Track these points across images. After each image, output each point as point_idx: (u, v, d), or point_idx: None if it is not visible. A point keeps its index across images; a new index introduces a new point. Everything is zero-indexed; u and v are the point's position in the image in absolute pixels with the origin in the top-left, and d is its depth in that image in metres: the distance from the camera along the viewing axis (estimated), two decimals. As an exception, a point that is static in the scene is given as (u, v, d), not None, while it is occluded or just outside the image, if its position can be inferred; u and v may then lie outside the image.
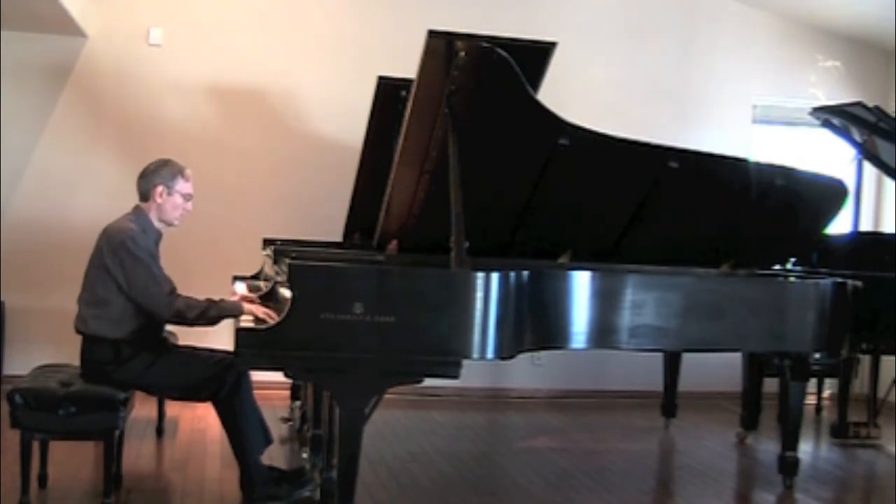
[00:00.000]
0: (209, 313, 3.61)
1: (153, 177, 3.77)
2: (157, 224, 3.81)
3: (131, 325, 3.64)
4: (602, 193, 4.23)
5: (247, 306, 3.63)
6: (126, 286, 3.60)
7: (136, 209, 3.81)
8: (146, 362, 3.67)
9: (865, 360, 5.87)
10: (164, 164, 3.82)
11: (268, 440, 3.81)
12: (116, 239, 3.63)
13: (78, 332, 3.71)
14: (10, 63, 5.71)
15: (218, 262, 5.44)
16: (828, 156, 6.36)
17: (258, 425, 3.75)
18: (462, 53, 3.48)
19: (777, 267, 4.97)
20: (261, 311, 3.55)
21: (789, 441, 4.46)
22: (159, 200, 3.77)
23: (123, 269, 3.59)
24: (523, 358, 3.90)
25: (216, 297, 3.80)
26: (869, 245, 5.74)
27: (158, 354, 3.73)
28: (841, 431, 5.46)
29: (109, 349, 3.65)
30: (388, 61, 5.00)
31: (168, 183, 3.77)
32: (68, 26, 5.51)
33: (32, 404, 3.50)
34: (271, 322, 3.34)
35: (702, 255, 4.54)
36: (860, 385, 5.99)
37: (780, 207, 4.45)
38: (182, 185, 3.80)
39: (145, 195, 3.79)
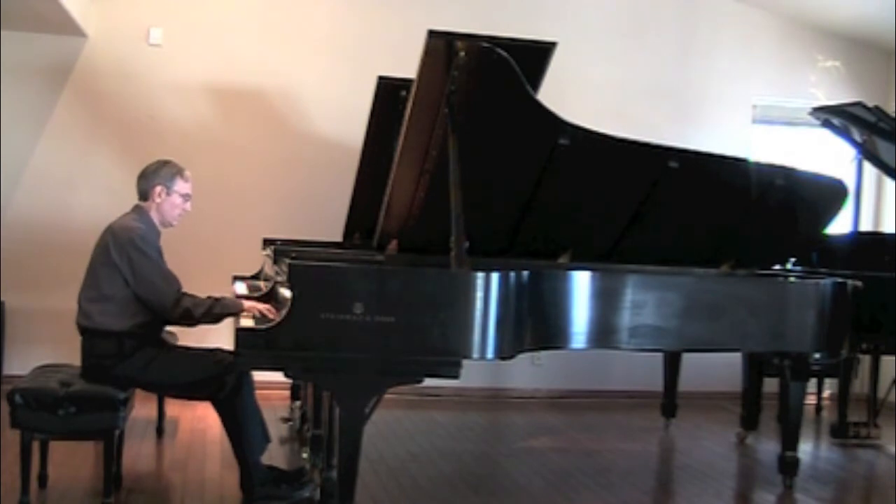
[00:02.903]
0: (214, 311, 3.64)
1: (153, 177, 3.80)
2: (156, 223, 3.83)
3: (135, 320, 3.64)
4: (602, 193, 4.23)
5: (247, 303, 3.67)
6: (133, 283, 3.61)
7: (137, 208, 3.82)
8: (148, 358, 3.67)
9: (865, 360, 5.87)
10: (164, 164, 3.84)
11: (266, 440, 3.81)
12: (124, 236, 3.64)
13: (80, 327, 3.70)
14: (10, 63, 5.71)
15: (218, 262, 5.44)
16: (828, 156, 6.36)
17: (258, 425, 3.76)
18: (462, 53, 3.48)
19: (777, 267, 4.97)
20: (259, 307, 3.58)
21: (789, 441, 4.46)
22: (158, 200, 3.79)
23: (132, 265, 3.61)
24: (523, 358, 3.90)
25: (217, 295, 3.81)
26: (869, 245, 5.74)
27: (159, 352, 3.74)
28: (841, 431, 5.46)
29: (112, 343, 3.64)
30: (388, 61, 5.00)
31: (167, 183, 3.79)
32: (68, 26, 5.52)
33: (32, 404, 3.50)
34: (272, 318, 3.35)
35: (702, 255, 4.54)
36: (860, 385, 5.99)
37: (780, 207, 4.45)
38: (181, 186, 3.82)
39: (144, 195, 3.81)
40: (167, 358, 3.73)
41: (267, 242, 4.99)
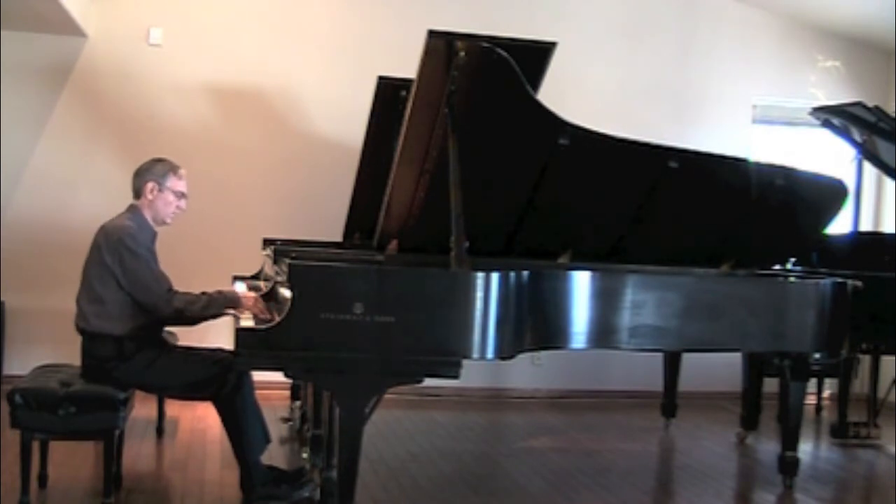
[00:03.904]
0: (210, 309, 3.65)
1: (145, 174, 3.80)
2: (150, 222, 3.81)
3: (133, 322, 3.64)
4: (602, 193, 4.23)
5: (244, 296, 3.67)
6: (125, 283, 3.61)
7: (131, 207, 3.82)
8: (148, 360, 3.67)
9: (865, 360, 5.87)
10: (157, 161, 3.84)
11: (267, 440, 3.81)
12: (115, 236, 3.64)
13: (79, 329, 3.71)
14: (10, 63, 5.71)
15: (218, 262, 5.44)
16: (828, 156, 6.37)
17: (259, 425, 3.75)
18: (462, 53, 3.48)
19: (777, 267, 4.97)
20: (251, 301, 3.59)
21: (789, 441, 4.46)
22: (150, 197, 3.78)
23: (122, 265, 3.60)
24: (523, 358, 3.90)
25: (211, 291, 3.81)
26: (869, 245, 5.74)
27: (160, 352, 3.73)
28: (841, 431, 5.46)
29: (112, 346, 3.64)
30: (388, 61, 5.00)
31: (159, 179, 3.78)
32: (68, 26, 5.52)
33: (32, 404, 3.50)
34: (263, 315, 3.35)
35: (702, 255, 4.54)
36: (860, 385, 5.99)
37: (780, 207, 4.45)
38: (174, 183, 3.81)
39: (138, 192, 3.81)
40: (167, 359, 3.73)
41: (267, 242, 4.99)
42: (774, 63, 6.84)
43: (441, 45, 3.48)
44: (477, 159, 3.60)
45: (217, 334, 4.35)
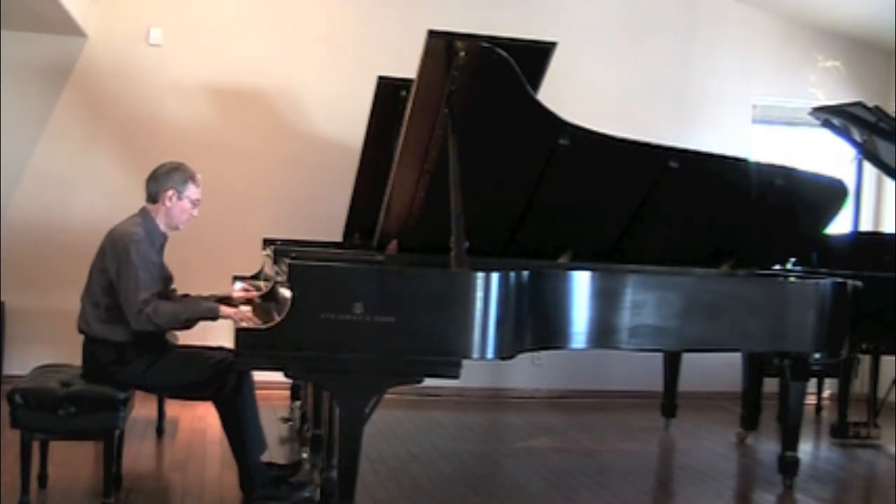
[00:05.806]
0: (180, 318, 3.61)
1: (165, 180, 3.73)
2: (162, 227, 3.79)
3: (132, 329, 3.62)
4: (602, 193, 4.23)
5: (225, 310, 3.63)
6: (115, 283, 3.59)
7: (143, 211, 3.78)
8: (148, 361, 3.66)
9: (865, 360, 5.87)
10: (176, 168, 3.77)
11: (263, 448, 3.80)
12: (120, 243, 3.61)
13: (80, 331, 3.70)
14: (10, 63, 5.71)
15: (218, 262, 5.43)
16: (828, 156, 6.37)
17: (258, 426, 3.75)
18: (462, 53, 3.48)
19: (777, 267, 4.97)
20: (238, 315, 3.55)
21: (789, 441, 4.46)
22: (168, 204, 3.74)
23: (118, 268, 3.58)
24: (523, 358, 3.90)
25: (205, 294, 3.80)
26: (869, 245, 5.74)
27: (160, 354, 3.72)
28: (841, 431, 5.46)
29: (112, 351, 3.64)
30: (388, 61, 5.00)
31: (179, 188, 3.73)
32: (68, 26, 5.51)
33: (32, 404, 3.49)
34: (252, 323, 3.34)
35: (702, 255, 4.55)
36: (860, 385, 5.99)
37: (780, 207, 4.45)
38: (192, 191, 3.77)
39: (154, 197, 3.75)
40: (167, 360, 3.72)
41: (267, 242, 4.99)
42: (774, 63, 6.84)
43: (441, 45, 3.48)
44: (477, 159, 3.60)
45: (217, 334, 4.34)
